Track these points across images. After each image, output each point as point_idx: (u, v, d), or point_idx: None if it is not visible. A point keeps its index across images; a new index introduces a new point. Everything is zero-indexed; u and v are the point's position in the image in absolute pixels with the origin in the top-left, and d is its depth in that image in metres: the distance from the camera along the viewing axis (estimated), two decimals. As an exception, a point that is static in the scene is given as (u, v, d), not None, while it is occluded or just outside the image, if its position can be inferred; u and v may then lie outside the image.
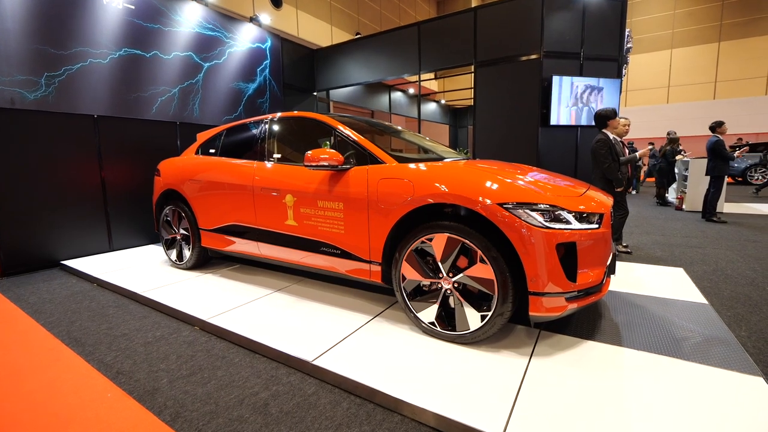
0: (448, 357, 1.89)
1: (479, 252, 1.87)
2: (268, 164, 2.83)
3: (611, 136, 3.79)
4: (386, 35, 6.47)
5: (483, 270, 1.87)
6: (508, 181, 1.94)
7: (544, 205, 1.80)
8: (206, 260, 3.62)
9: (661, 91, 18.08)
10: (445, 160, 2.47)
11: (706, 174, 5.96)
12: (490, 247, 1.84)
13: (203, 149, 3.50)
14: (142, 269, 3.61)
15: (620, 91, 5.35)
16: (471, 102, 16.28)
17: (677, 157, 8.25)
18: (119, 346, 2.21)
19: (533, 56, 5.06)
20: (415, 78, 6.36)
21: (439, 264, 2.01)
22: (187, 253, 3.50)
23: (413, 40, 6.04)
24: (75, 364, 2.03)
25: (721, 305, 2.60)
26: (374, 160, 2.31)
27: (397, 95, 11.47)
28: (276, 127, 2.98)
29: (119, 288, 3.12)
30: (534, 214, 1.78)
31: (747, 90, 16.49)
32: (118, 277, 3.35)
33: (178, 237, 3.59)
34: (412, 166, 2.18)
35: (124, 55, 4.33)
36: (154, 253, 4.30)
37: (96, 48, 4.10)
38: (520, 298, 1.88)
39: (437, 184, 1.99)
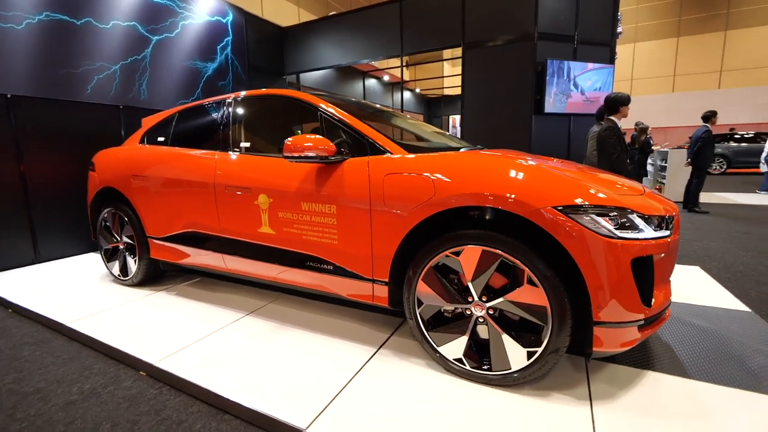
0: (484, 407, 1.43)
1: (527, 270, 1.41)
2: (234, 155, 2.23)
3: (619, 123, 3.48)
4: (364, 12, 5.87)
5: (532, 294, 1.42)
6: (563, 176, 1.49)
7: (614, 209, 1.37)
8: (158, 274, 2.95)
9: (625, 84, 18.59)
10: (461, 149, 1.99)
11: (691, 165, 5.91)
12: (541, 264, 1.39)
13: (150, 137, 2.81)
14: (75, 287, 2.90)
15: (613, 79, 5.10)
16: (444, 92, 15.97)
17: (654, 148, 8.29)
18: (28, 411, 1.58)
19: (527, 38, 4.67)
20: (393, 62, 5.83)
21: (469, 285, 1.54)
22: (133, 267, 2.82)
23: (395, 18, 5.49)
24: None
25: (761, 311, 2.33)
26: (376, 150, 1.79)
27: (371, 82, 10.87)
28: (242, 109, 2.36)
29: (40, 317, 2.42)
30: (601, 220, 1.35)
31: (702, 84, 17.27)
32: (41, 301, 2.63)
33: (121, 246, 2.90)
34: (427, 156, 1.68)
35: (45, 21, 3.49)
36: (93, 263, 3.55)
37: (6, 9, 3.25)
38: (576, 327, 1.45)
39: (471, 181, 1.50)
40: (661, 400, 1.47)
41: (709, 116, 5.76)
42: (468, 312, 1.59)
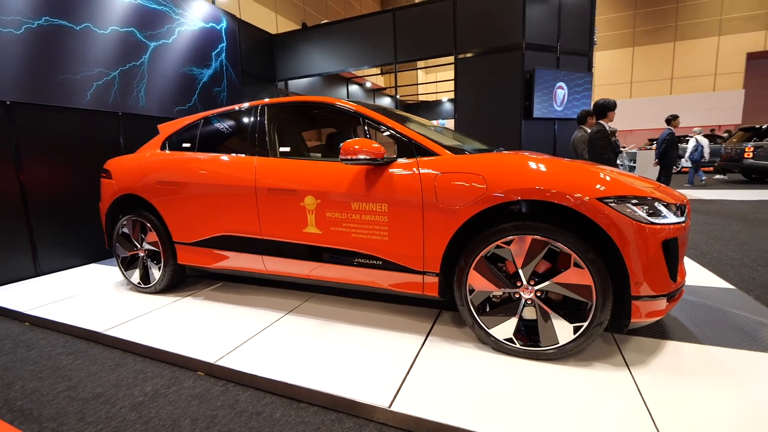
0: (540, 378, 1.61)
1: (573, 255, 1.61)
2: (275, 160, 2.30)
3: (608, 127, 3.82)
4: (357, 21, 6.03)
5: (578, 275, 1.62)
6: (598, 172, 1.71)
7: (646, 199, 1.59)
8: (181, 280, 2.94)
9: (588, 90, 19.77)
10: (494, 150, 2.18)
11: (659, 164, 6.47)
12: (588, 249, 1.59)
13: (172, 144, 2.82)
14: (91, 298, 2.83)
15: (592, 87, 5.54)
16: (419, 98, 16.32)
17: (622, 149, 8.96)
18: (97, 415, 1.59)
19: (515, 48, 5.00)
20: (371, 70, 6.01)
21: (519, 271, 1.72)
22: (156, 274, 2.80)
23: (388, 27, 5.68)
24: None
25: (742, 287, 2.67)
26: (422, 151, 1.94)
27: (354, 88, 11.02)
28: (280, 115, 2.44)
29: (68, 327, 2.37)
30: (636, 209, 1.57)
31: (657, 90, 18.73)
32: (60, 312, 2.56)
33: (142, 254, 2.87)
34: (473, 156, 1.85)
35: (45, 26, 3.39)
36: (99, 274, 3.45)
37: (5, 14, 3.14)
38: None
39: (520, 178, 1.68)
40: (686, 363, 1.70)
41: (671, 119, 6.36)
42: (516, 296, 1.76)
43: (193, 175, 2.53)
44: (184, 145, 2.73)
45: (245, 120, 2.51)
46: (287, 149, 2.33)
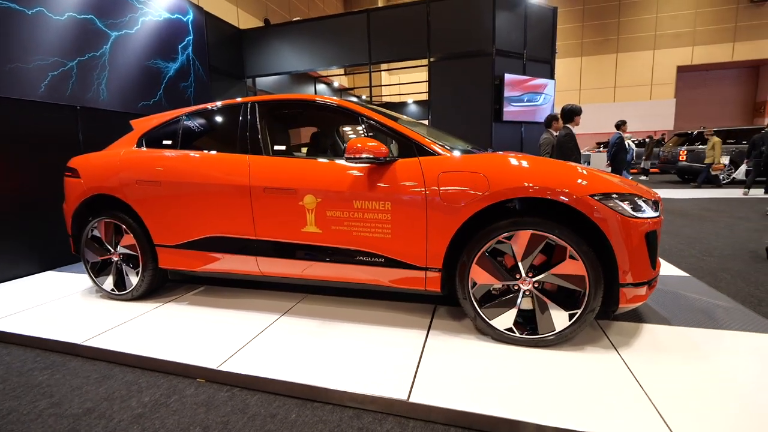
0: (539, 363, 1.72)
1: (569, 248, 1.74)
2: (270, 159, 2.25)
3: (573, 130, 4.12)
4: (330, 20, 5.99)
5: (573, 266, 1.75)
6: (585, 172, 1.86)
7: (629, 195, 1.76)
8: (160, 286, 2.78)
9: (542, 96, 20.99)
10: (488, 151, 2.29)
11: (610, 165, 7.03)
12: (581, 242, 1.73)
13: (150, 141, 2.65)
14: (57, 307, 2.60)
15: (554, 92, 5.92)
16: (383, 99, 16.48)
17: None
18: (94, 431, 1.48)
19: (486, 54, 5.23)
20: (335, 70, 6.03)
21: (519, 264, 1.83)
22: (133, 279, 2.62)
23: (362, 28, 5.70)
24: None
25: (696, 275, 3.00)
26: (423, 151, 2.00)
27: (321, 87, 10.90)
28: (274, 113, 2.39)
29: (37, 340, 2.17)
30: (623, 204, 1.73)
31: (602, 97, 20.29)
32: (23, 324, 2.34)
33: (115, 258, 2.68)
34: (474, 156, 1.94)
35: (-9, 8, 3.06)
36: (59, 282, 3.17)
37: (-58, -8, 2.80)
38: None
39: (520, 177, 1.79)
40: (663, 342, 1.90)
41: (620, 125, 6.95)
42: (516, 287, 1.87)
43: (178, 173, 2.41)
44: (165, 142, 2.59)
45: (236, 118, 2.43)
46: (282, 147, 2.28)
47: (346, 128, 2.29)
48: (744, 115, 19.96)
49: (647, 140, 12.03)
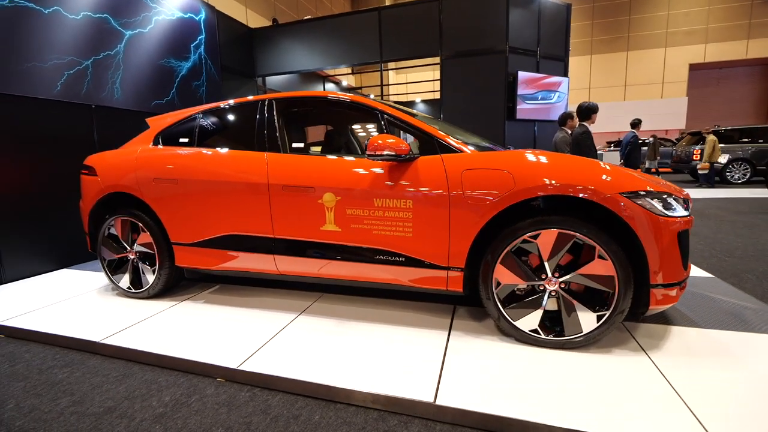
0: (567, 365, 1.67)
1: (598, 247, 1.69)
2: (289, 156, 2.23)
3: (590, 128, 4.04)
4: (341, 19, 5.96)
5: (602, 266, 1.70)
6: (614, 169, 1.80)
7: (661, 193, 1.70)
8: (175, 284, 2.77)
9: (551, 95, 20.80)
10: (509, 148, 2.24)
11: (624, 165, 6.92)
12: (610, 241, 1.67)
13: (166, 138, 2.65)
14: (74, 305, 2.60)
15: (568, 89, 5.83)
16: (393, 98, 16.45)
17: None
18: (116, 430, 1.46)
19: (499, 51, 5.16)
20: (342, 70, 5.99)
21: (545, 263, 1.78)
22: (150, 278, 2.62)
23: (373, 26, 5.67)
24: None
25: (721, 276, 2.92)
26: (445, 148, 1.96)
27: (330, 86, 10.89)
28: (292, 111, 2.36)
29: (56, 337, 2.17)
30: (654, 202, 1.67)
31: (612, 96, 20.02)
32: (42, 322, 2.34)
33: (132, 256, 2.67)
34: (498, 153, 1.90)
35: (9, 7, 3.07)
36: (75, 280, 3.18)
37: (-38, -9, 2.82)
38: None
39: (548, 174, 1.74)
40: (694, 345, 1.84)
41: (636, 123, 6.84)
42: (541, 288, 1.82)
43: (195, 171, 2.39)
44: (181, 140, 2.58)
45: (251, 115, 2.41)
46: (301, 145, 2.26)
47: (369, 125, 2.25)
48: (758, 113, 19.59)
49: (650, 140, 11.73)
